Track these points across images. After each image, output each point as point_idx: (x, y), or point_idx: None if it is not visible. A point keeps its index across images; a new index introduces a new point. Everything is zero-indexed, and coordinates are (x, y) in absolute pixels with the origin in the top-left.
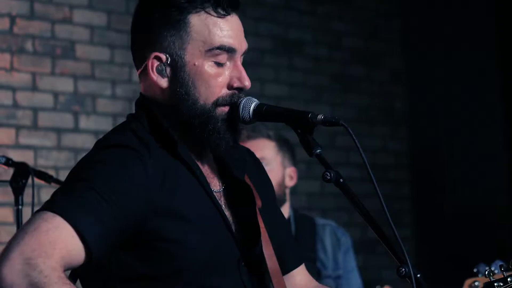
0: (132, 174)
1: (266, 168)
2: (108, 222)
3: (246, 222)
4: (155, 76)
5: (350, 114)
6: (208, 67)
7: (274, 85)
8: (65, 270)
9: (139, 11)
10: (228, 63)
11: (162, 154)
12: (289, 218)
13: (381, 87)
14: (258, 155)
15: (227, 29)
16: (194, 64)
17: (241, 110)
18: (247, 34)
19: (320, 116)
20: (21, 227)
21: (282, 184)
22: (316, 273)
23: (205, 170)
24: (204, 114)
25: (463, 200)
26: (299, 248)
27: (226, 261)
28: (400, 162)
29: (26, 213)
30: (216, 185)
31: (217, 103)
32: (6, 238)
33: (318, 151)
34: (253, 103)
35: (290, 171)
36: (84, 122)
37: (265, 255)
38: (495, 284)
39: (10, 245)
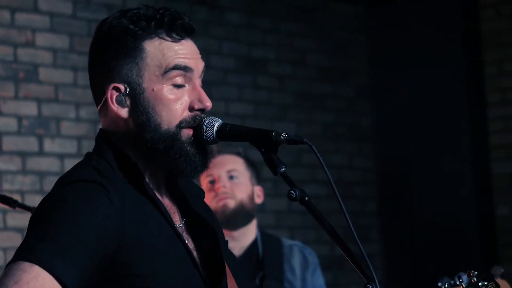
0: (99, 209)
1: (237, 181)
2: (83, 264)
3: (210, 257)
4: (115, 107)
5: (316, 131)
6: (167, 91)
7: (239, 104)
8: None
9: (94, 46)
10: (186, 85)
11: (126, 188)
12: (255, 239)
13: (347, 104)
14: (229, 167)
15: (181, 51)
16: (153, 90)
17: (204, 130)
18: (211, 53)
19: (283, 135)
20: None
21: (252, 199)
22: None
23: (166, 203)
24: (168, 138)
25: (430, 215)
26: (255, 286)
27: None
28: (366, 179)
29: None
30: (177, 219)
31: (180, 126)
32: None
33: (283, 169)
34: (217, 123)
35: (257, 189)
36: (49, 146)
37: None
38: None
39: None
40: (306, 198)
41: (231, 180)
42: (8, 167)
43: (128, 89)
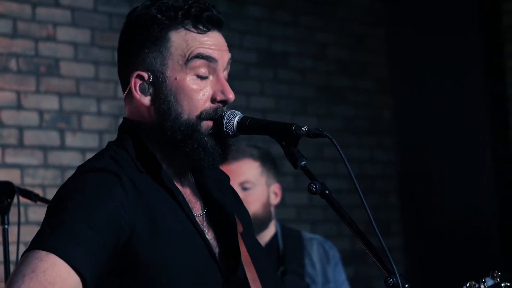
0: (112, 197)
1: (250, 192)
2: (98, 252)
3: (228, 247)
4: (138, 95)
5: (337, 125)
6: (190, 81)
7: (260, 97)
8: None
9: (122, 34)
10: (210, 76)
11: (142, 177)
12: (276, 234)
13: (367, 97)
14: (242, 178)
15: (206, 41)
16: (176, 79)
17: (224, 123)
18: (232, 47)
19: (304, 128)
20: (16, 269)
21: (267, 205)
22: (305, 287)
23: (187, 194)
24: (187, 128)
25: (451, 208)
26: (277, 276)
27: None
28: (387, 172)
29: (13, 232)
30: (198, 209)
31: (201, 117)
32: None
33: (303, 163)
34: (237, 116)
35: (274, 188)
36: (70, 140)
37: (249, 279)
38: None
39: None
40: (327, 192)
41: (244, 192)
42: (29, 161)
43: (151, 77)
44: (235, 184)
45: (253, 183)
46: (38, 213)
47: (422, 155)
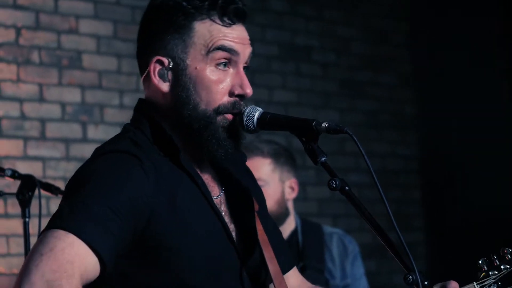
0: (133, 180)
1: (263, 190)
2: (117, 233)
3: (246, 227)
4: (156, 80)
5: (359, 119)
6: (210, 72)
7: (282, 91)
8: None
9: (145, 17)
10: (230, 69)
11: (161, 160)
12: (295, 229)
13: (390, 92)
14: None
15: (230, 34)
16: (196, 68)
17: (245, 119)
18: (254, 40)
19: (324, 124)
20: (34, 247)
21: (282, 201)
22: (324, 283)
23: (205, 177)
24: (204, 119)
25: (474, 203)
26: (289, 250)
27: (227, 271)
28: (409, 167)
29: (34, 224)
30: (216, 191)
31: (218, 111)
32: (16, 249)
33: (323, 159)
34: (257, 112)
35: (290, 183)
36: (92, 132)
37: (266, 258)
38: (490, 272)
39: (28, 269)
40: (347, 188)
41: None
42: (51, 153)
43: (171, 64)
44: None
45: (265, 181)
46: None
47: (444, 150)
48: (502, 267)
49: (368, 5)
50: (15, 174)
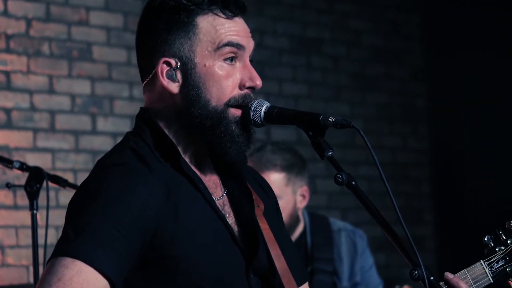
0: (137, 195)
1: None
2: (124, 252)
3: (249, 227)
4: (165, 81)
5: (370, 112)
6: (219, 67)
7: (293, 84)
8: None
9: (144, 21)
10: (238, 63)
11: (163, 168)
12: (304, 231)
13: (401, 85)
14: None
15: (234, 28)
16: (205, 65)
17: (252, 113)
18: (265, 33)
19: (331, 119)
20: (43, 277)
21: (294, 211)
22: (332, 285)
23: (207, 179)
24: (216, 115)
25: (484, 197)
26: (303, 266)
27: (235, 274)
28: (420, 160)
29: (42, 216)
30: (218, 193)
31: (229, 104)
32: (26, 241)
33: (330, 153)
34: (264, 106)
35: (302, 191)
36: (102, 124)
37: (273, 256)
38: (497, 248)
39: None
40: (353, 182)
41: None
42: (61, 145)
43: (179, 64)
44: None
45: (279, 195)
46: (68, 197)
47: (455, 144)
48: (509, 241)
49: None
50: (23, 166)
